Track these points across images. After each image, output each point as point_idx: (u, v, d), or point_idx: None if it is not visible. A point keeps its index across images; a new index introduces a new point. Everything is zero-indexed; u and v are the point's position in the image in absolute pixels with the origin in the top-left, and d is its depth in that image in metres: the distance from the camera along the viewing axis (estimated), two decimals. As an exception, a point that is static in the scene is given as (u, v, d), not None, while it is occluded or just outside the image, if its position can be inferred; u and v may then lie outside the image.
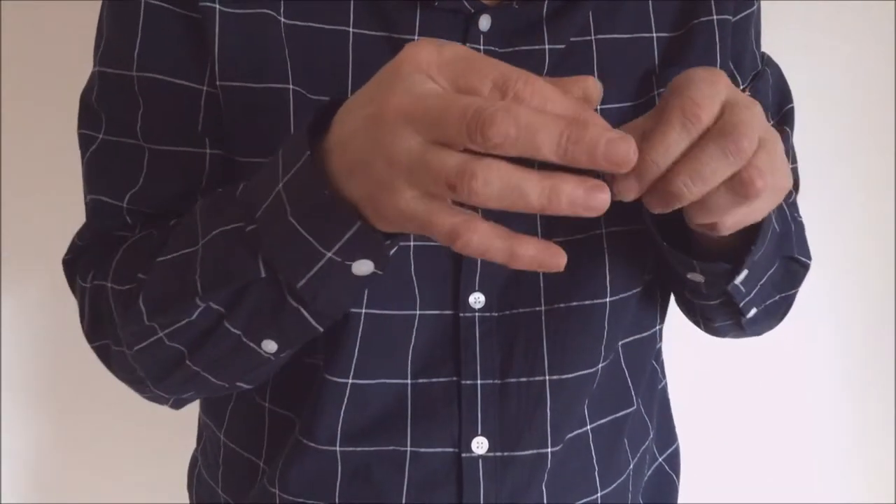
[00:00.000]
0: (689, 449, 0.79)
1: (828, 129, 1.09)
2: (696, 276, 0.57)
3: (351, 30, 0.56)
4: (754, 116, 0.44)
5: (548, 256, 0.37)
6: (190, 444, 0.77)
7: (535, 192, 0.35)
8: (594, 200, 0.35)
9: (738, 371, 1.16)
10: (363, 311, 0.57)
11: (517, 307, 0.59)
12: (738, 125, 0.43)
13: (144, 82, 0.57)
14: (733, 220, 0.48)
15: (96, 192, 0.61)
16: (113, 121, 0.60)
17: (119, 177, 0.60)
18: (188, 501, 0.77)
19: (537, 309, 0.60)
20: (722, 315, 0.63)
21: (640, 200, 0.47)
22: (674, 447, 0.74)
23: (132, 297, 0.54)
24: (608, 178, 0.47)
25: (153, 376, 0.57)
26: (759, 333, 0.67)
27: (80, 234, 0.64)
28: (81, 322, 0.62)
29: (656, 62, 0.60)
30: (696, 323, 0.71)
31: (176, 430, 0.90)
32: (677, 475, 0.74)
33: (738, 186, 0.44)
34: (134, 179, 0.59)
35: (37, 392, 1.15)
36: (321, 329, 0.50)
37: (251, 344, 0.52)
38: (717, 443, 1.16)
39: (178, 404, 0.61)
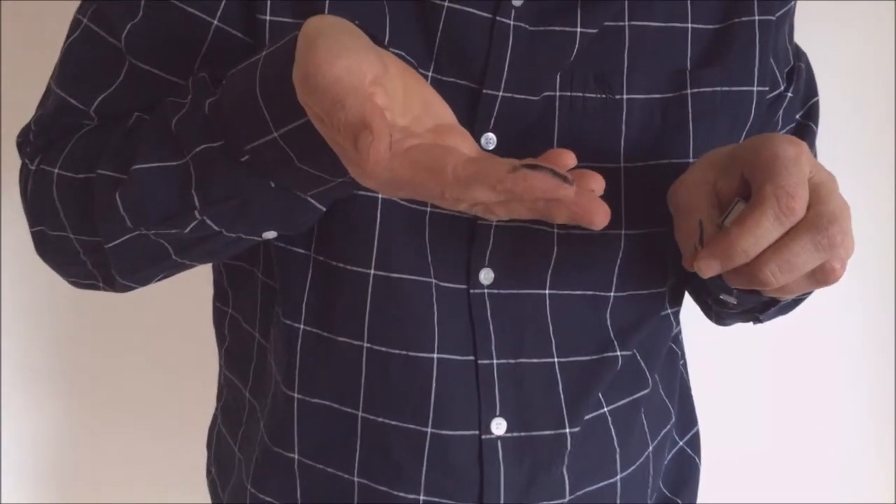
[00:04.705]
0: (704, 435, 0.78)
1: (828, 131, 1.08)
2: (730, 299, 0.58)
3: None
4: (840, 200, 0.46)
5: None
6: (196, 442, 0.79)
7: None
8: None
9: (743, 365, 1.16)
10: (371, 271, 0.57)
11: (523, 287, 0.60)
12: (831, 218, 0.45)
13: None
14: (798, 294, 0.51)
15: (65, 89, 0.59)
16: (100, 12, 0.58)
17: (92, 77, 0.58)
18: (205, 471, 0.78)
19: (542, 292, 0.60)
20: (739, 319, 0.65)
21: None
22: (694, 430, 0.74)
23: (97, 189, 0.53)
24: (689, 254, 0.50)
25: (127, 269, 0.56)
26: None
27: (37, 122, 0.62)
28: (23, 201, 0.61)
29: (689, 55, 0.59)
30: (708, 316, 0.72)
31: (182, 429, 0.92)
32: (699, 457, 0.74)
33: (819, 274, 0.47)
34: (107, 84, 0.58)
35: (37, 388, 1.16)
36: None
37: (250, 237, 0.54)
38: (731, 431, 1.16)
39: (124, 289, 0.60)
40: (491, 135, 0.57)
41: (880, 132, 1.07)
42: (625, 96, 0.58)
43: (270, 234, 0.55)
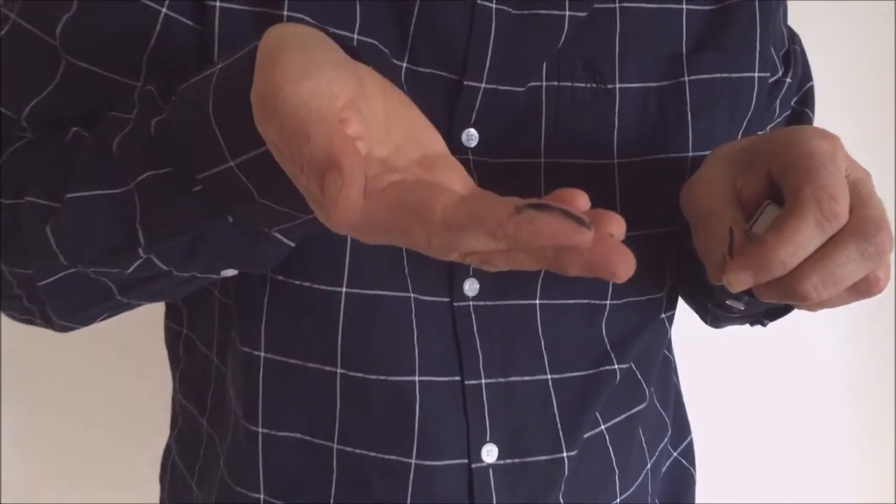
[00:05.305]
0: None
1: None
2: (738, 304, 0.53)
3: None
4: (879, 201, 0.42)
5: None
6: (149, 473, 0.72)
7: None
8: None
9: (740, 366, 1.14)
10: (343, 289, 0.51)
11: (512, 298, 0.55)
12: (878, 223, 0.40)
13: None
14: (835, 307, 0.45)
15: None
16: (30, 6, 0.50)
17: (23, 80, 0.51)
18: (158, 496, 0.71)
19: (532, 302, 0.55)
20: (739, 323, 0.60)
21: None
22: (688, 440, 0.70)
23: (25, 219, 0.46)
24: (715, 265, 0.44)
25: (63, 310, 0.49)
26: None
27: None
28: None
29: (684, 40, 0.55)
30: (703, 319, 0.68)
31: (134, 458, 0.86)
32: (694, 467, 0.70)
33: (862, 285, 0.42)
34: (40, 87, 0.50)
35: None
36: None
37: (206, 276, 0.47)
38: (719, 439, 1.14)
39: (63, 329, 0.52)
40: (472, 131, 0.52)
41: (881, 132, 1.05)
42: (617, 85, 0.53)
43: (230, 273, 0.48)
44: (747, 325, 0.66)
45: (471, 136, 0.52)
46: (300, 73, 0.32)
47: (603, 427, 0.58)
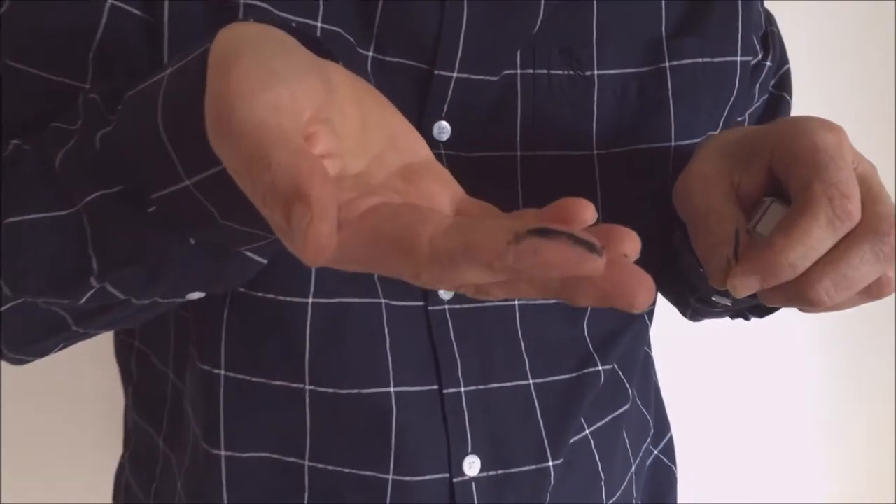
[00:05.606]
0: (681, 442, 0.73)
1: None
2: (724, 300, 0.51)
3: None
4: (888, 195, 0.40)
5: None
6: (101, 492, 0.68)
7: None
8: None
9: (731, 365, 1.13)
10: (309, 300, 0.48)
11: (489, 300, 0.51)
12: (891, 221, 0.38)
13: None
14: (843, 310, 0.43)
15: None
16: None
17: None
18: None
19: (510, 303, 0.52)
20: (720, 317, 0.58)
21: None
22: (668, 437, 0.68)
23: None
24: (718, 268, 0.41)
25: (13, 343, 0.46)
26: None
27: None
28: None
29: (664, 24, 0.52)
30: (682, 312, 0.65)
31: (84, 476, 0.81)
32: (675, 464, 0.68)
33: (874, 287, 0.40)
34: None
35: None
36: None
37: (170, 301, 0.43)
38: (706, 438, 1.12)
39: (16, 363, 0.49)
40: (444, 123, 0.49)
41: (881, 130, 1.04)
42: (595, 72, 0.50)
43: (196, 295, 0.44)
44: (727, 318, 0.64)
45: (442, 129, 0.49)
46: (258, 84, 0.28)
47: (587, 431, 0.55)
